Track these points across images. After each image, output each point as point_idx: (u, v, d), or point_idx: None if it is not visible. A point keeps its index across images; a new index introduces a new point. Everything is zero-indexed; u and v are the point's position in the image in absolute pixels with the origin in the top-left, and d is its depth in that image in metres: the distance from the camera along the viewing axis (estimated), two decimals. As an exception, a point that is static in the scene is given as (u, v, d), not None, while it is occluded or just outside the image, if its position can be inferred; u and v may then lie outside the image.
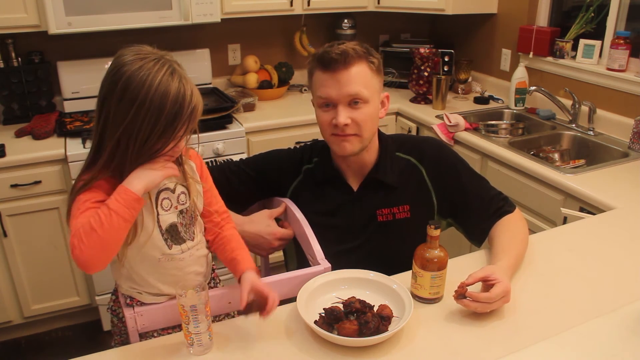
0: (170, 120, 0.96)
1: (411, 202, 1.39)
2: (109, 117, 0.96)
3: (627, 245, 1.44)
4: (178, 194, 1.08)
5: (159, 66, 0.96)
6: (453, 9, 2.78)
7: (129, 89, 0.94)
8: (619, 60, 2.31)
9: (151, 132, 0.95)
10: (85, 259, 0.92)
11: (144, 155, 0.98)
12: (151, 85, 0.94)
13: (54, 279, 2.46)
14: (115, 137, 0.96)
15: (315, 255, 1.26)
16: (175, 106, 0.95)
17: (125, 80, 0.94)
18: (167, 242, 1.07)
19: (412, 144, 1.45)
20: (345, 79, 1.26)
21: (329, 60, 1.26)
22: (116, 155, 0.97)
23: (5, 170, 2.20)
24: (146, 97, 0.93)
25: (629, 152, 2.19)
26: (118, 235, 0.94)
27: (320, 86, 1.29)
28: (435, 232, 1.15)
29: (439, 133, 2.50)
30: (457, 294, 1.12)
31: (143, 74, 0.94)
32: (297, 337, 1.09)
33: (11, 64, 2.52)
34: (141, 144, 0.96)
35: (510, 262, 1.25)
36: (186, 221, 1.10)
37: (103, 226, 0.91)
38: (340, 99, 1.27)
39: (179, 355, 1.05)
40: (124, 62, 0.96)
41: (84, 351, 1.07)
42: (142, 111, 0.94)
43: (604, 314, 1.13)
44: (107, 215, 0.92)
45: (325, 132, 1.34)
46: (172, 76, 0.97)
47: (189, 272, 1.14)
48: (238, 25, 2.94)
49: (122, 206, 0.93)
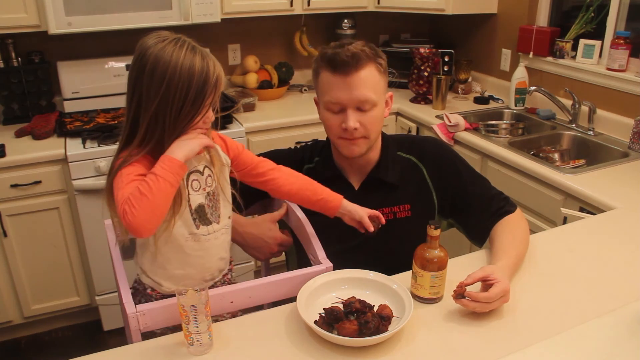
0: (200, 89, 1.03)
1: (412, 201, 1.40)
2: (142, 96, 1.03)
3: (627, 245, 1.44)
4: (206, 176, 1.13)
5: (179, 45, 1.04)
6: (453, 9, 2.78)
7: (158, 68, 1.01)
8: (619, 60, 2.31)
9: (184, 104, 1.02)
10: (138, 222, 0.96)
11: (179, 127, 1.04)
12: (177, 62, 1.01)
13: (54, 279, 2.46)
14: (150, 113, 1.02)
15: (316, 255, 1.27)
16: (202, 76, 1.03)
17: (153, 60, 1.02)
18: (195, 221, 1.12)
19: (412, 144, 1.45)
20: (356, 82, 1.26)
21: (340, 63, 1.25)
22: (153, 131, 1.04)
23: (5, 170, 2.20)
24: (175, 72, 1.01)
25: (629, 152, 2.19)
26: (166, 198, 0.99)
27: (330, 89, 1.28)
28: (436, 232, 1.15)
29: (439, 133, 2.50)
30: (456, 293, 1.12)
31: (168, 52, 1.02)
32: (297, 337, 1.09)
33: (11, 64, 2.52)
34: (176, 115, 1.02)
35: (510, 262, 1.25)
36: (212, 203, 1.14)
37: (152, 190, 0.96)
38: (350, 103, 1.27)
39: (179, 355, 1.05)
40: (148, 46, 1.04)
41: (84, 351, 1.07)
42: (172, 85, 1.01)
43: (604, 314, 1.13)
44: (155, 180, 0.97)
45: (332, 134, 1.34)
46: (194, 51, 1.04)
47: (214, 257, 1.17)
48: (238, 25, 2.94)
49: (168, 172, 0.98)
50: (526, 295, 1.20)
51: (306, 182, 1.27)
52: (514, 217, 1.39)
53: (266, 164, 1.25)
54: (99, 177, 2.30)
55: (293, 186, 1.26)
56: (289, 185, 1.26)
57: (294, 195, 1.27)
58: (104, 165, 2.27)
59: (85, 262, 2.46)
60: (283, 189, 1.26)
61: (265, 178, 1.25)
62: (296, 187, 1.26)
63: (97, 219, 2.32)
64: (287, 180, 1.26)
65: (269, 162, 1.26)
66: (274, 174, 1.25)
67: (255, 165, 1.24)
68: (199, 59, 1.03)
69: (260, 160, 1.25)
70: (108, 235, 1.32)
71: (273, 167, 1.26)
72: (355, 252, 1.37)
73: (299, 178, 1.27)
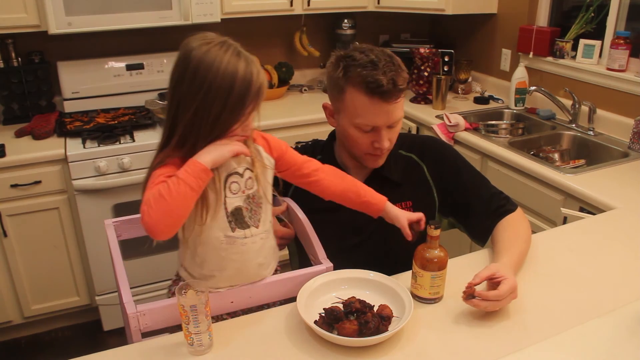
0: (240, 98, 1.00)
1: (413, 198, 1.40)
2: (182, 99, 1.01)
3: (627, 245, 1.44)
4: (246, 179, 1.10)
5: (224, 49, 1.01)
6: (453, 9, 2.78)
7: (199, 72, 0.99)
8: (619, 60, 2.31)
9: (222, 111, 1.00)
10: (152, 223, 0.95)
11: (215, 134, 1.02)
12: (219, 66, 0.99)
13: (54, 279, 2.46)
14: (188, 118, 1.00)
15: (317, 255, 1.27)
16: (243, 84, 1.00)
17: (195, 64, 0.99)
18: (230, 224, 1.09)
19: (413, 142, 1.46)
20: (394, 107, 1.26)
21: (382, 92, 1.22)
22: (189, 135, 1.01)
23: (5, 170, 2.20)
24: (216, 77, 0.98)
25: (629, 152, 2.19)
26: (184, 202, 0.97)
27: (365, 113, 1.26)
28: (436, 232, 1.15)
29: (439, 133, 2.50)
30: (466, 294, 1.11)
31: (212, 56, 0.99)
32: (297, 337, 1.09)
33: (11, 64, 2.52)
34: (214, 120, 1.00)
35: (512, 260, 1.25)
36: (252, 207, 1.11)
37: (171, 193, 0.95)
38: (384, 125, 1.28)
39: (179, 355, 1.05)
40: (191, 48, 1.01)
41: (84, 351, 1.07)
42: (212, 91, 0.98)
43: (604, 314, 1.13)
44: (175, 183, 0.96)
45: (359, 150, 1.33)
46: (239, 57, 1.02)
47: (251, 261, 1.13)
48: (238, 25, 2.93)
49: (190, 175, 0.97)
50: (526, 295, 1.20)
51: (350, 184, 1.24)
52: (516, 216, 1.39)
53: (311, 164, 1.21)
54: (99, 177, 2.30)
55: (338, 187, 1.22)
56: (334, 187, 1.22)
57: (338, 196, 1.24)
58: (104, 165, 2.27)
59: (85, 262, 2.46)
60: (328, 191, 1.23)
61: (311, 179, 1.21)
62: (340, 189, 1.23)
63: (97, 219, 2.32)
64: (332, 182, 1.22)
65: (314, 162, 1.22)
66: (320, 175, 1.21)
67: (300, 166, 1.20)
68: (242, 64, 1.01)
69: (305, 160, 1.21)
70: (108, 235, 1.32)
71: (318, 167, 1.22)
72: (355, 252, 1.38)
73: (343, 179, 1.24)
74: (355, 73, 1.24)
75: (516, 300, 1.17)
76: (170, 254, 2.51)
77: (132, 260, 2.43)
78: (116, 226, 1.36)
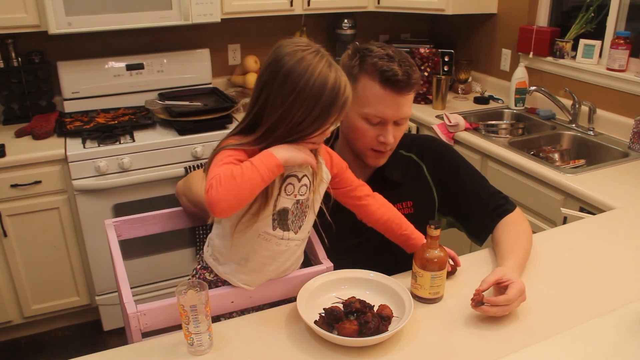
0: (326, 108, 1.02)
1: (414, 198, 1.40)
2: (268, 100, 1.03)
3: (627, 245, 1.44)
4: (301, 185, 1.11)
5: (318, 58, 1.03)
6: (453, 9, 2.78)
7: (291, 77, 1.00)
8: (619, 60, 2.31)
9: (305, 118, 1.01)
10: (217, 199, 0.96)
11: (293, 137, 1.04)
12: (312, 75, 1.00)
13: (54, 279, 2.46)
14: (273, 119, 1.02)
15: (316, 255, 1.27)
16: (331, 95, 1.01)
17: (288, 68, 1.01)
18: (274, 222, 1.10)
19: (412, 142, 1.46)
20: (404, 101, 1.26)
21: (395, 82, 1.23)
22: (270, 135, 1.03)
23: (5, 170, 2.20)
24: (306, 85, 1.00)
25: (629, 152, 2.19)
26: (252, 188, 0.99)
27: (376, 103, 1.25)
28: (435, 232, 1.15)
29: (439, 133, 2.50)
30: (475, 301, 1.11)
31: (305, 64, 1.01)
32: (297, 337, 1.09)
33: (11, 64, 2.52)
34: (294, 126, 1.02)
35: (517, 262, 1.25)
36: (298, 212, 1.12)
37: (243, 176, 0.97)
38: (393, 119, 1.28)
39: (179, 355, 1.05)
40: (285, 53, 1.03)
41: (84, 351, 1.07)
42: (300, 98, 1.00)
43: (604, 314, 1.13)
44: (249, 168, 0.98)
45: (363, 143, 1.32)
46: (330, 68, 1.03)
47: (279, 263, 1.15)
48: (238, 25, 2.94)
49: (264, 165, 0.98)
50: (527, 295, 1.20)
51: (394, 215, 1.26)
52: (515, 216, 1.39)
53: (364, 189, 1.24)
54: (99, 177, 2.30)
55: (383, 217, 1.24)
56: (380, 215, 1.24)
57: (382, 225, 1.25)
58: (104, 165, 2.27)
59: (85, 262, 2.46)
60: (373, 217, 1.25)
61: (361, 202, 1.24)
62: (385, 218, 1.25)
63: (97, 219, 2.32)
64: (379, 209, 1.24)
65: (366, 188, 1.25)
66: (369, 200, 1.24)
67: (355, 188, 1.23)
68: (333, 76, 1.02)
69: (360, 184, 1.24)
70: (108, 235, 1.32)
71: (369, 193, 1.25)
72: (355, 252, 1.37)
73: (389, 210, 1.26)
74: (372, 62, 1.25)
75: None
76: (171, 254, 2.51)
77: (132, 260, 2.43)
78: (116, 226, 1.36)
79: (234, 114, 2.63)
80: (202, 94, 2.76)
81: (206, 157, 2.45)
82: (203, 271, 1.20)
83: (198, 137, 2.43)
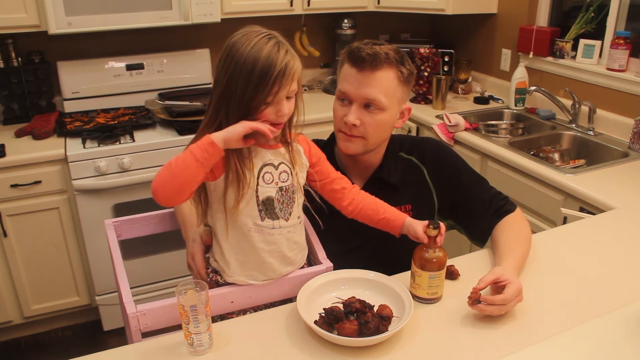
0: (263, 75, 1.03)
1: (413, 201, 1.40)
2: (215, 81, 1.08)
3: (627, 245, 1.44)
4: (280, 172, 1.14)
5: (258, 35, 1.06)
6: (453, 9, 2.78)
7: (230, 54, 1.06)
8: (619, 60, 2.31)
9: (246, 87, 1.03)
10: (155, 186, 1.01)
11: (243, 112, 1.06)
12: (246, 47, 1.04)
13: (54, 279, 2.46)
14: (217, 96, 1.06)
15: (316, 255, 1.27)
16: (267, 62, 1.03)
17: (229, 49, 1.06)
18: (261, 213, 1.12)
19: (413, 145, 1.46)
20: (368, 80, 1.27)
21: (358, 58, 1.27)
22: (218, 114, 1.07)
23: (5, 170, 2.20)
24: (241, 57, 1.04)
25: (629, 152, 2.19)
26: (186, 170, 1.02)
27: (343, 80, 1.31)
28: (434, 233, 1.15)
29: (439, 133, 2.50)
30: (472, 300, 1.11)
31: (242, 41, 1.06)
32: (297, 337, 1.09)
33: (11, 64, 2.52)
34: (239, 100, 1.04)
35: (516, 262, 1.25)
36: (284, 199, 1.14)
37: (177, 161, 1.01)
38: (356, 98, 1.29)
39: (179, 355, 1.05)
40: (232, 39, 1.08)
41: (84, 351, 1.07)
42: (237, 69, 1.04)
43: (604, 314, 1.13)
44: (184, 153, 1.02)
45: (335, 124, 1.36)
46: (269, 41, 1.06)
47: (278, 253, 1.16)
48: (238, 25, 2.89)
49: (197, 147, 1.02)
50: (526, 295, 1.20)
51: (370, 202, 1.27)
52: (515, 216, 1.39)
53: (343, 182, 1.27)
54: (99, 177, 2.30)
55: (358, 206, 1.26)
56: (354, 205, 1.26)
57: (358, 214, 1.27)
58: (104, 165, 2.27)
59: (85, 262, 2.46)
60: (348, 208, 1.27)
61: (336, 195, 1.27)
62: (360, 207, 1.26)
63: (97, 219, 2.32)
64: (353, 200, 1.26)
65: (345, 181, 1.28)
66: (345, 193, 1.26)
67: (333, 180, 1.26)
68: (269, 46, 1.04)
69: (338, 177, 1.27)
70: (108, 235, 1.33)
71: (347, 186, 1.27)
72: (355, 252, 1.37)
73: (363, 198, 1.27)
74: (350, 47, 1.30)
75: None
76: (171, 254, 2.51)
77: (132, 260, 2.43)
78: (116, 226, 1.36)
79: (234, 114, 2.63)
80: (202, 94, 2.76)
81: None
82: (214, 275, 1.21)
83: (198, 137, 2.43)
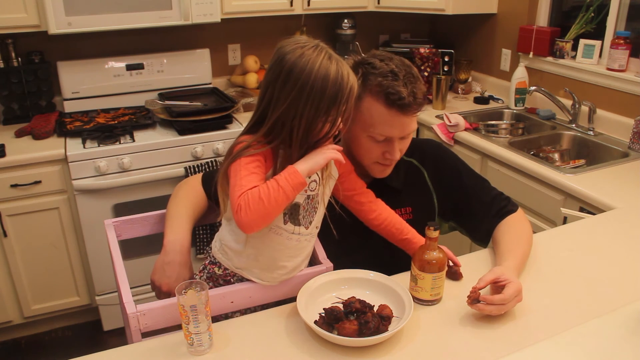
0: (332, 99, 1.04)
1: (413, 204, 1.40)
2: (273, 97, 1.06)
3: (627, 245, 1.44)
4: (310, 180, 1.13)
5: (317, 52, 1.05)
6: (453, 9, 2.78)
7: (293, 74, 1.03)
8: (619, 60, 2.31)
9: (316, 113, 1.04)
10: (247, 222, 1.02)
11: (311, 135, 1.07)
12: (312, 69, 1.03)
13: (54, 279, 2.46)
14: (278, 114, 1.05)
15: (316, 255, 1.27)
16: (335, 86, 1.04)
17: (290, 66, 1.04)
18: (285, 217, 1.12)
19: (414, 147, 1.45)
20: (409, 120, 1.24)
21: (402, 105, 1.19)
22: (279, 131, 1.06)
23: (5, 170, 2.20)
24: (308, 80, 1.03)
25: (629, 152, 2.19)
26: (279, 208, 1.04)
27: (381, 123, 1.22)
28: (434, 234, 1.15)
29: (439, 133, 2.50)
30: (471, 299, 1.11)
31: (305, 60, 1.04)
32: (297, 337, 1.09)
33: (11, 64, 2.52)
34: (307, 125, 1.05)
35: (516, 262, 1.25)
36: (309, 207, 1.15)
37: (270, 199, 1.01)
38: (399, 137, 1.26)
39: (179, 355, 1.05)
40: (286, 52, 1.06)
41: (84, 351, 1.07)
42: (304, 93, 1.03)
43: (604, 314, 1.13)
44: (276, 190, 1.02)
45: (368, 159, 1.30)
46: (330, 60, 1.05)
47: (290, 256, 1.16)
48: (238, 25, 2.94)
49: (289, 185, 1.03)
50: (526, 295, 1.20)
51: (395, 220, 1.28)
52: (516, 217, 1.39)
53: (369, 196, 1.27)
54: (98, 177, 2.30)
55: (384, 222, 1.28)
56: (381, 220, 1.28)
57: (382, 229, 1.29)
58: (104, 165, 2.27)
59: (85, 262, 2.46)
60: (374, 222, 1.28)
61: (363, 208, 1.27)
62: (386, 223, 1.28)
63: (97, 219, 2.32)
64: (380, 215, 1.27)
65: (371, 194, 1.28)
66: (371, 207, 1.27)
67: (360, 193, 1.26)
68: (334, 67, 1.04)
69: (366, 191, 1.28)
70: (108, 235, 1.32)
71: (373, 200, 1.28)
72: (355, 252, 1.37)
73: (390, 215, 1.29)
74: (376, 82, 1.20)
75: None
76: (170, 254, 2.51)
77: (132, 260, 2.43)
78: (116, 226, 1.36)
79: (234, 114, 2.63)
80: (202, 94, 2.76)
81: (206, 157, 2.45)
82: (212, 266, 1.21)
83: (198, 137, 2.43)
